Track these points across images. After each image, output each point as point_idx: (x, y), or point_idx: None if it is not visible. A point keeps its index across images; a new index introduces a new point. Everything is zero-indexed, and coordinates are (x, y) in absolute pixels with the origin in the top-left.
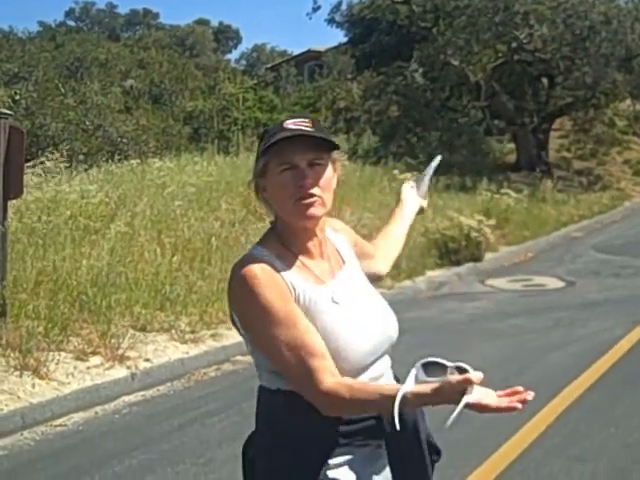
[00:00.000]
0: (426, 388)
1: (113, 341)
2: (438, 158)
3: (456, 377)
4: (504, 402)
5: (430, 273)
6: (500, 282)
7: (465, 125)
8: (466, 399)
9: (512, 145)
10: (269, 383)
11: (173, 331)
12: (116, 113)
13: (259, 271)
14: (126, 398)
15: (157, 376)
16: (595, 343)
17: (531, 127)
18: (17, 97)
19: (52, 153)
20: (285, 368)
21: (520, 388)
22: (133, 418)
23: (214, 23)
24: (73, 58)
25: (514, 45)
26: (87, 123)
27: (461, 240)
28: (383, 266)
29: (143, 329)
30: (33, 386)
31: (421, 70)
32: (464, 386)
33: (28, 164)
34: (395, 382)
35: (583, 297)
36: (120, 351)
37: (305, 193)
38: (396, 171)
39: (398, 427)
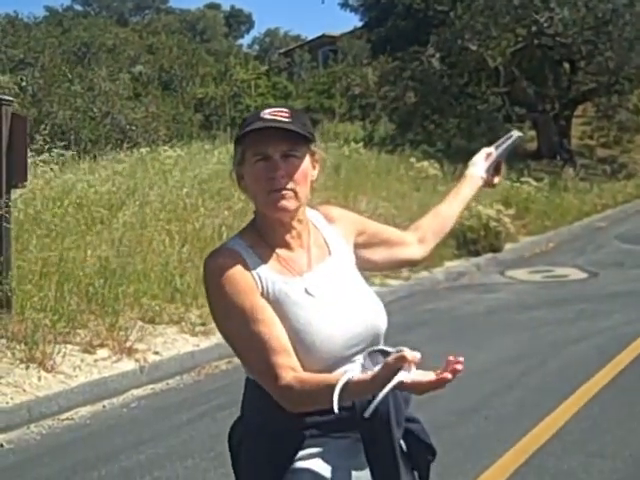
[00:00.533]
0: (367, 375)
1: (121, 333)
2: (519, 134)
3: (391, 357)
4: (432, 375)
5: (448, 264)
6: (520, 273)
7: (484, 112)
8: (399, 377)
9: (533, 132)
10: (248, 373)
11: (183, 323)
12: (125, 100)
13: (224, 264)
14: (134, 392)
15: (166, 369)
16: (617, 336)
17: (552, 114)
18: (23, 84)
19: (60, 141)
20: (247, 362)
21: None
22: (141, 412)
23: (225, 7)
24: (80, 43)
25: (534, 29)
26: (95, 110)
27: (480, 230)
28: (417, 250)
29: (152, 321)
30: (39, 379)
31: (438, 55)
32: (398, 365)
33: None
34: None
35: (606, 289)
36: (128, 344)
37: (276, 185)
38: (413, 159)
39: (336, 410)
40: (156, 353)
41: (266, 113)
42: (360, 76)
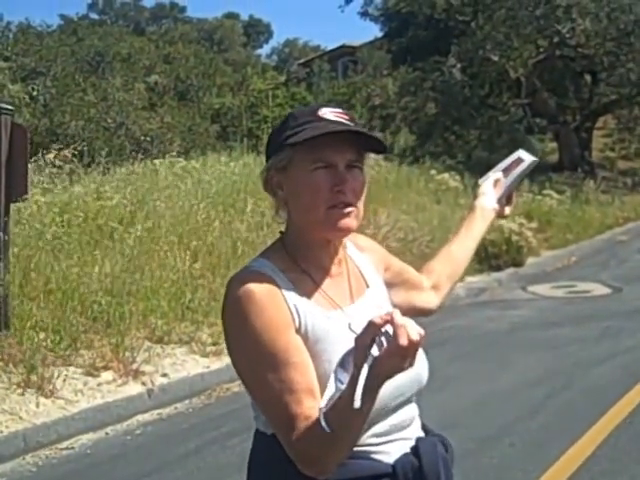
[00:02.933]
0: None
1: (127, 354)
2: (534, 159)
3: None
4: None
5: (469, 279)
6: (542, 288)
7: (505, 123)
8: (373, 352)
9: (554, 144)
10: (266, 427)
11: (193, 343)
12: (139, 110)
13: (255, 291)
14: (140, 417)
15: (175, 392)
16: None
17: (574, 125)
18: (34, 93)
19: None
20: (267, 411)
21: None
22: (147, 439)
23: (244, 17)
24: (94, 52)
25: (556, 40)
26: (109, 121)
27: (502, 244)
28: (433, 298)
29: (160, 341)
30: (37, 405)
31: (459, 66)
32: (369, 337)
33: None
34: (423, 433)
35: (630, 304)
36: (135, 365)
37: (342, 200)
38: (433, 171)
39: (326, 429)
40: (164, 375)
41: (326, 112)
42: (380, 87)
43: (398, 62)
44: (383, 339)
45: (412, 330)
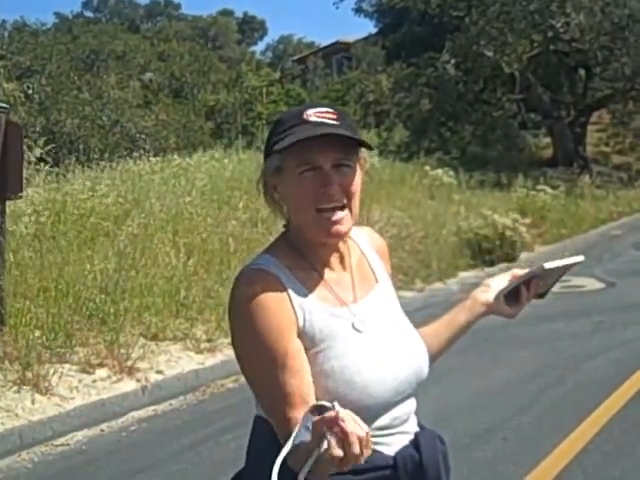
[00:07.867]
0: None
1: (122, 351)
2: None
3: (316, 419)
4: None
5: (463, 274)
6: None
7: (499, 119)
8: (323, 448)
9: (548, 139)
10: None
11: (187, 340)
12: (134, 108)
13: (263, 293)
14: (135, 414)
15: (169, 389)
16: (636, 349)
17: (568, 120)
18: (30, 92)
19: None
20: (263, 407)
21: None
22: (141, 436)
23: (238, 14)
24: (89, 50)
25: (550, 35)
26: (104, 119)
27: (495, 239)
28: None
29: (155, 338)
30: (33, 402)
31: (453, 61)
32: (323, 429)
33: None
34: (419, 429)
35: (624, 299)
36: (129, 362)
37: (329, 202)
38: (427, 167)
39: None
40: (159, 372)
41: (311, 114)
42: (374, 83)
43: (392, 58)
44: (329, 436)
45: (354, 444)
